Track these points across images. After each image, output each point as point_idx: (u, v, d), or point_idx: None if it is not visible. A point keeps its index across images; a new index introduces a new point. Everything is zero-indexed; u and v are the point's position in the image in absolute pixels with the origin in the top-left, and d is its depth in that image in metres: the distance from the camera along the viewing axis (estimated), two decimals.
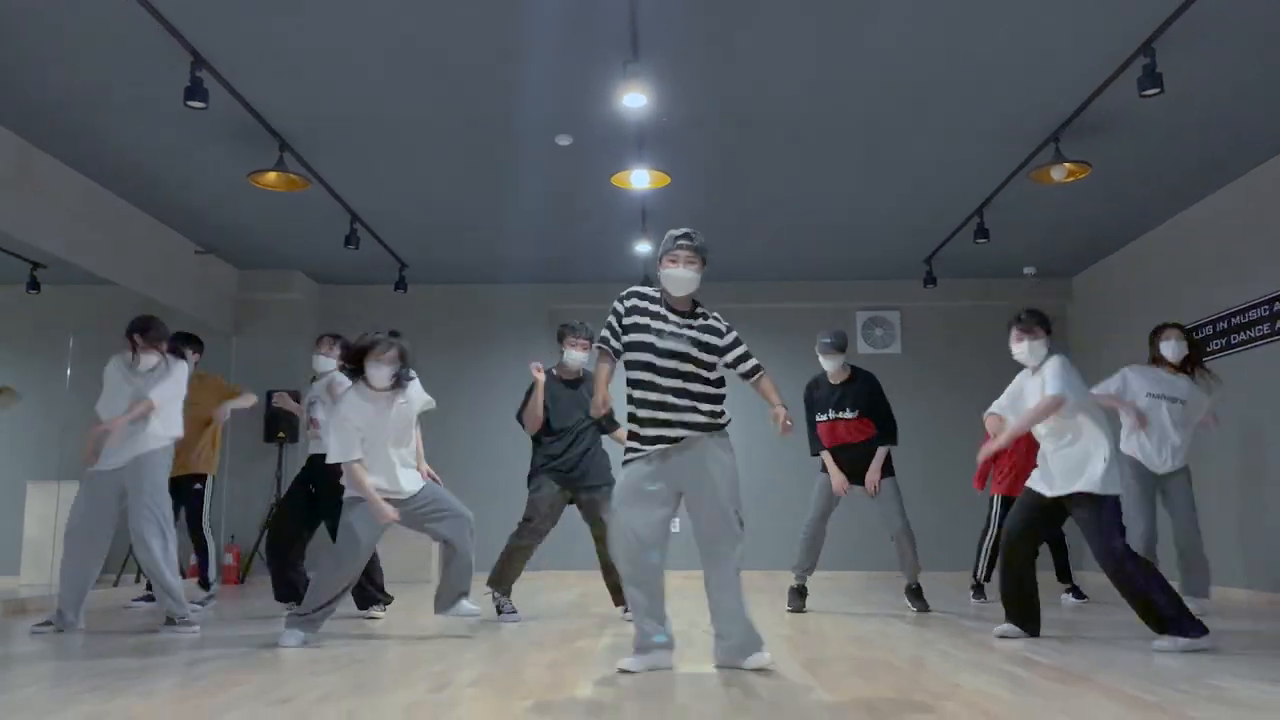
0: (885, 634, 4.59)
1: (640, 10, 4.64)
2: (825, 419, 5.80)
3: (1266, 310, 6.61)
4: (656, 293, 3.69)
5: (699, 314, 3.68)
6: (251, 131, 5.92)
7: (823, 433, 5.82)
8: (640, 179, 6.20)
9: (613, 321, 3.65)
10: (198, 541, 5.91)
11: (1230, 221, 7.02)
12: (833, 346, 5.77)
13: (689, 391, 3.55)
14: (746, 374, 3.72)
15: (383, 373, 4.34)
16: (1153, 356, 5.69)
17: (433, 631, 4.72)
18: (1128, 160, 6.51)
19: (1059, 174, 5.98)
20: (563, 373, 5.50)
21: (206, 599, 5.82)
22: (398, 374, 4.39)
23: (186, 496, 5.90)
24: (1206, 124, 5.95)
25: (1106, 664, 3.57)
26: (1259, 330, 6.69)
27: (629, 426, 3.62)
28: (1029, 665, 3.55)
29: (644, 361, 3.55)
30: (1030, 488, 4.52)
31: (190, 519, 5.91)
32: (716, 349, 3.64)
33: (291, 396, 6.03)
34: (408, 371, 4.45)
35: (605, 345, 3.65)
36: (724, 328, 3.70)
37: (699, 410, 3.56)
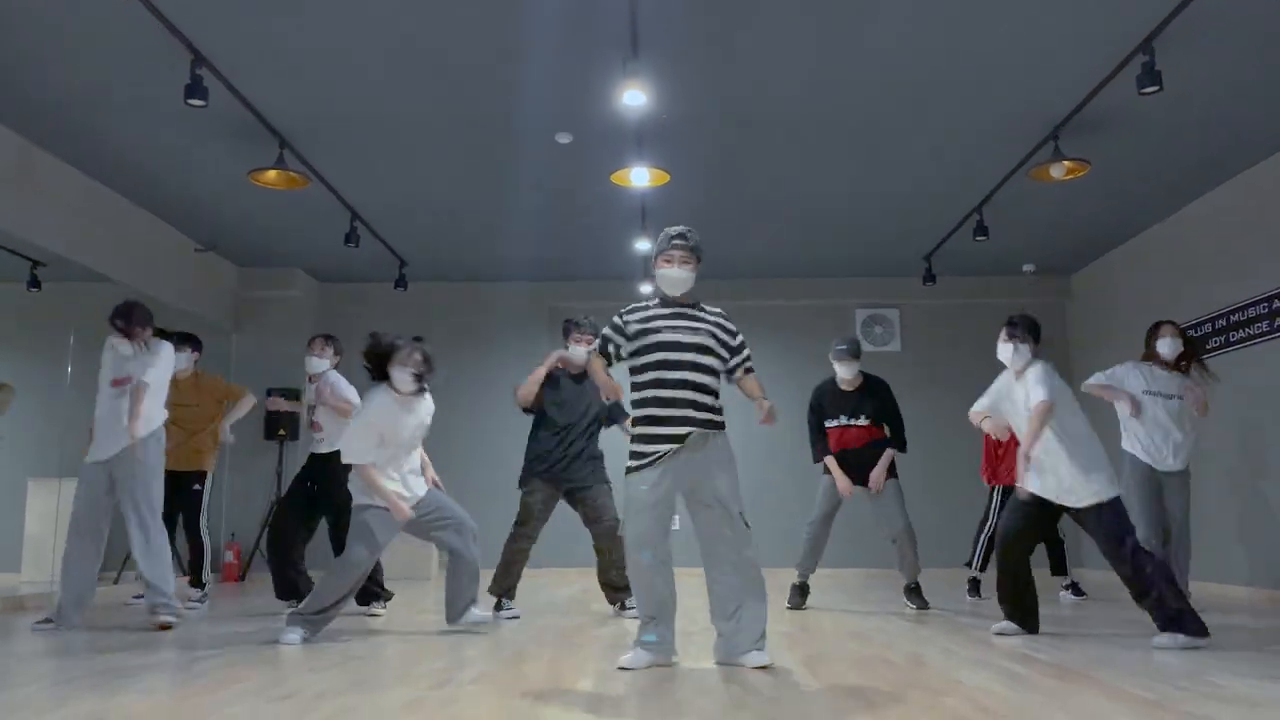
0: (884, 631, 4.60)
1: (640, 8, 4.64)
2: (835, 424, 5.78)
3: (1265, 308, 6.62)
4: (654, 302, 3.70)
5: (707, 310, 3.70)
6: (251, 129, 5.93)
7: (832, 437, 5.80)
8: (640, 177, 6.20)
9: (613, 333, 3.64)
10: (194, 540, 5.90)
11: (1229, 219, 7.03)
12: (848, 353, 5.75)
13: (706, 386, 3.57)
14: (741, 372, 3.74)
15: (406, 377, 4.37)
16: (1148, 354, 5.70)
17: (433, 628, 4.73)
18: (1127, 158, 6.52)
19: (1058, 172, 5.99)
20: (569, 367, 5.51)
21: (201, 597, 5.82)
22: (421, 378, 4.42)
23: (186, 494, 5.90)
24: (1205, 122, 5.95)
25: (1105, 661, 3.58)
26: (1258, 328, 6.70)
27: (634, 431, 3.60)
28: (1027, 662, 3.56)
29: (661, 360, 3.53)
30: (1024, 487, 4.52)
31: (188, 518, 5.91)
32: (729, 347, 3.68)
33: (285, 397, 6.03)
34: (432, 377, 4.46)
35: (604, 348, 3.66)
36: (734, 328, 3.74)
37: (711, 406, 3.58)
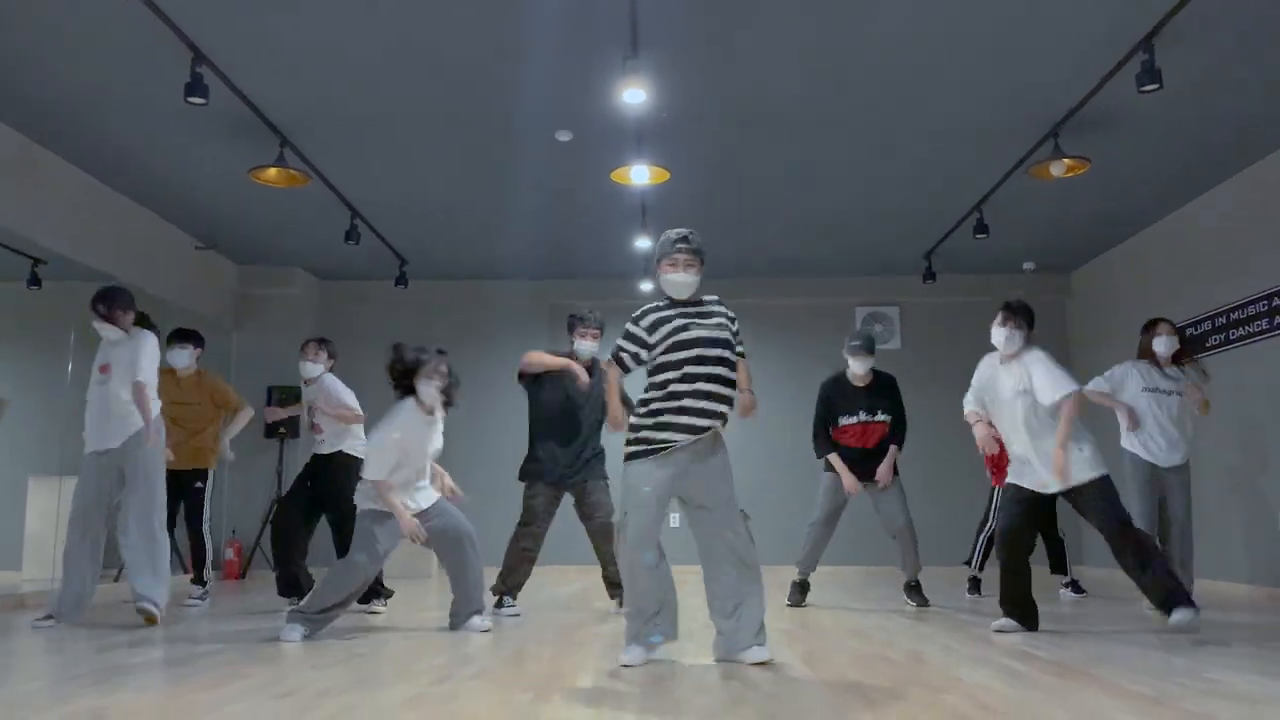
0: (884, 628, 4.61)
1: (640, 7, 4.64)
2: (854, 421, 5.74)
3: (1265, 306, 6.62)
4: (662, 303, 3.65)
5: (711, 302, 3.70)
6: (252, 127, 5.93)
7: (853, 435, 5.75)
8: (640, 174, 6.20)
9: (631, 344, 3.57)
10: (196, 539, 5.91)
11: (1229, 217, 7.03)
12: (863, 349, 5.71)
13: (731, 381, 3.59)
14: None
15: (432, 390, 4.39)
16: (1143, 351, 5.72)
17: (433, 626, 4.74)
18: (1127, 156, 6.52)
19: (1058, 170, 5.99)
20: (577, 361, 5.50)
21: (202, 595, 5.83)
22: (448, 391, 4.43)
23: (188, 493, 5.91)
24: (1205, 120, 5.95)
25: (1105, 658, 3.58)
26: (1258, 326, 6.70)
27: (647, 420, 3.53)
28: (1027, 659, 3.57)
29: (698, 356, 3.51)
30: (1016, 484, 4.54)
31: (190, 516, 5.91)
32: (732, 335, 3.69)
33: (283, 401, 6.05)
34: (459, 393, 4.47)
35: (619, 358, 3.59)
36: (732, 314, 3.74)
37: (729, 400, 3.60)
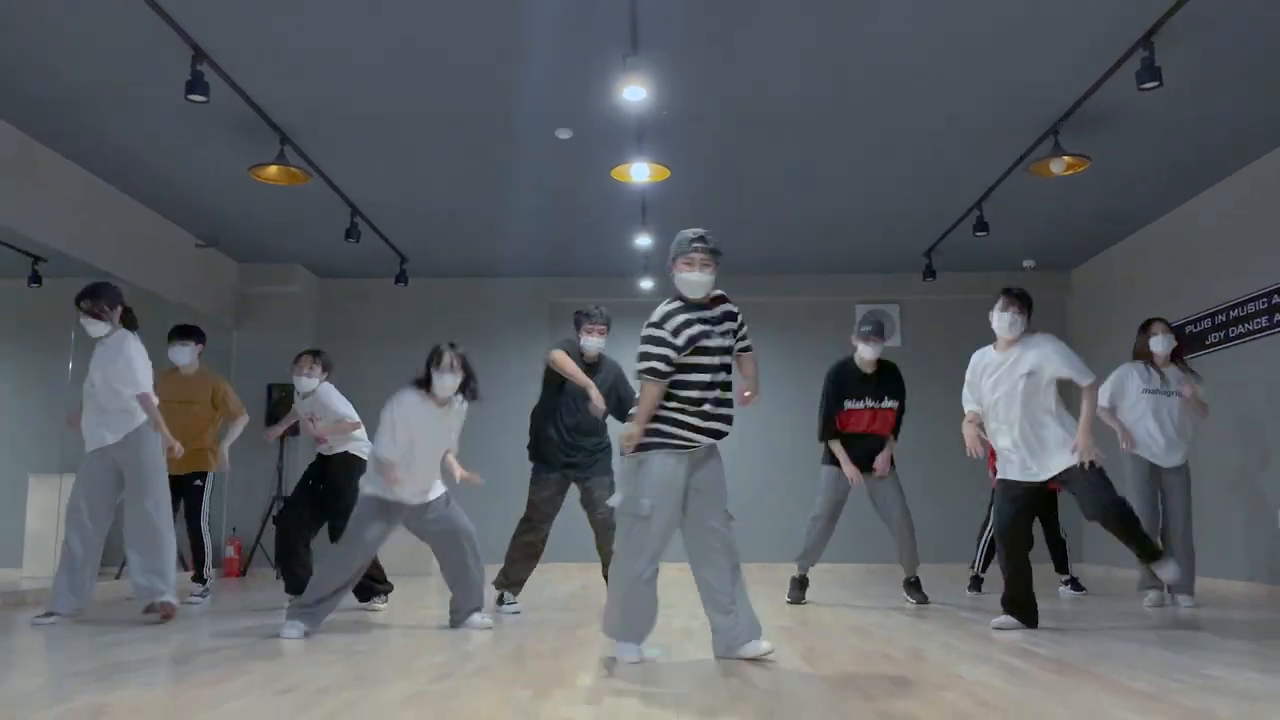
0: (884, 626, 4.61)
1: (640, 6, 4.64)
2: (861, 406, 5.72)
3: (1265, 303, 6.62)
4: (679, 303, 3.60)
5: (722, 306, 3.69)
6: (252, 125, 5.93)
7: (861, 420, 5.73)
8: (640, 172, 6.20)
9: (664, 349, 3.47)
10: (195, 537, 5.91)
11: (1229, 215, 7.03)
12: (875, 334, 5.71)
13: (730, 386, 3.61)
14: (743, 350, 3.75)
15: (447, 381, 4.39)
16: (1140, 352, 5.75)
17: (433, 623, 4.74)
18: (1127, 154, 6.52)
19: (1058, 167, 5.99)
20: (584, 358, 5.51)
21: (203, 593, 5.84)
22: (465, 383, 4.44)
23: (187, 491, 5.91)
24: (1205, 117, 5.95)
25: (1104, 655, 3.59)
26: (1258, 323, 6.70)
27: (673, 416, 3.50)
28: (1027, 656, 3.57)
29: (712, 364, 3.53)
30: (1007, 479, 4.54)
31: (189, 514, 5.92)
32: (735, 333, 3.69)
33: (275, 417, 6.08)
34: (475, 383, 4.48)
35: (656, 370, 3.46)
36: (736, 309, 3.72)
37: (732, 406, 3.62)
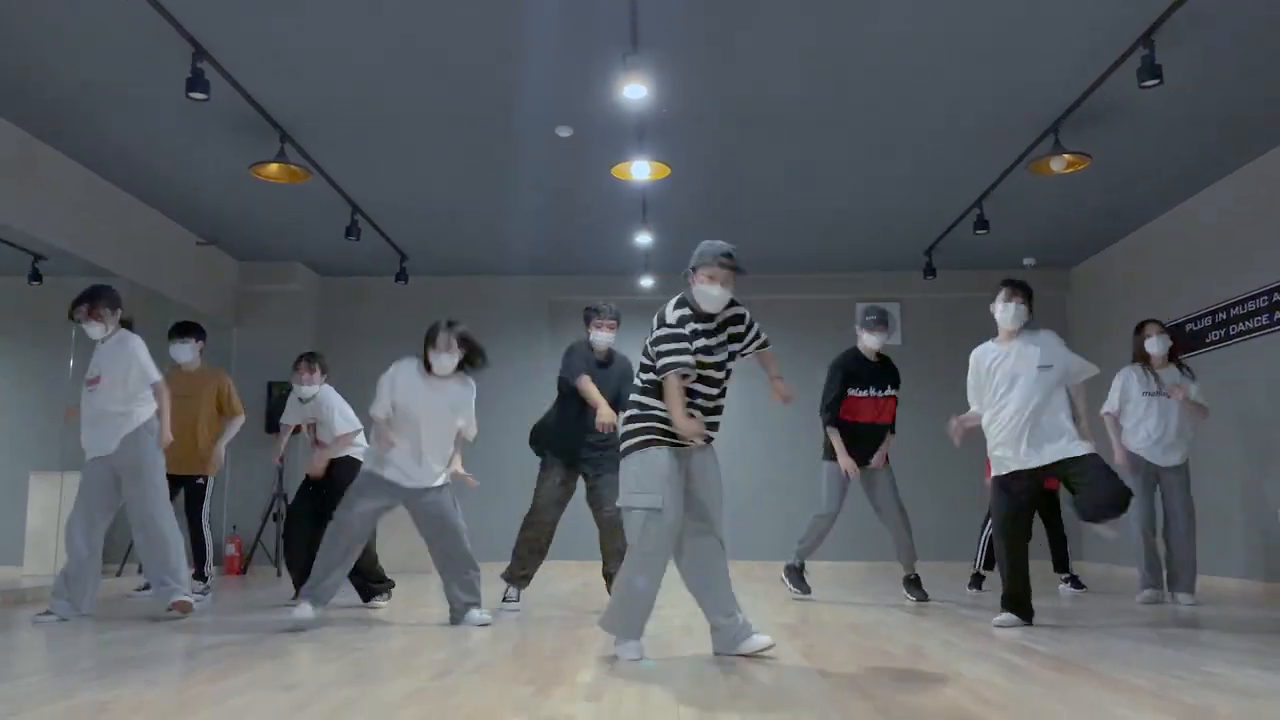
0: (884, 623, 4.62)
1: (640, 6, 4.64)
2: (866, 395, 5.73)
3: (1265, 301, 6.62)
4: (689, 310, 3.60)
5: (729, 316, 3.69)
6: (253, 123, 5.93)
7: (867, 409, 5.73)
8: (640, 170, 6.20)
9: (681, 341, 3.48)
10: (196, 535, 5.92)
11: (1230, 213, 7.03)
12: (879, 323, 5.73)
13: (723, 394, 3.65)
14: (760, 348, 3.76)
15: (444, 361, 4.46)
16: (1137, 354, 5.78)
17: (434, 620, 4.75)
18: (1127, 152, 6.52)
19: (1058, 165, 5.99)
20: (595, 353, 5.53)
21: (204, 590, 5.84)
22: (466, 361, 4.50)
23: (189, 489, 5.91)
24: (1206, 115, 5.95)
25: (1104, 652, 3.60)
26: (1258, 321, 6.70)
27: (662, 407, 3.51)
28: (1026, 654, 3.58)
29: (712, 378, 3.58)
30: (1003, 475, 4.54)
31: (190, 512, 5.92)
32: (739, 338, 3.69)
33: (279, 401, 6.09)
34: (479, 360, 4.52)
35: (681, 364, 3.45)
36: (742, 312, 3.72)
37: (720, 415, 3.67)
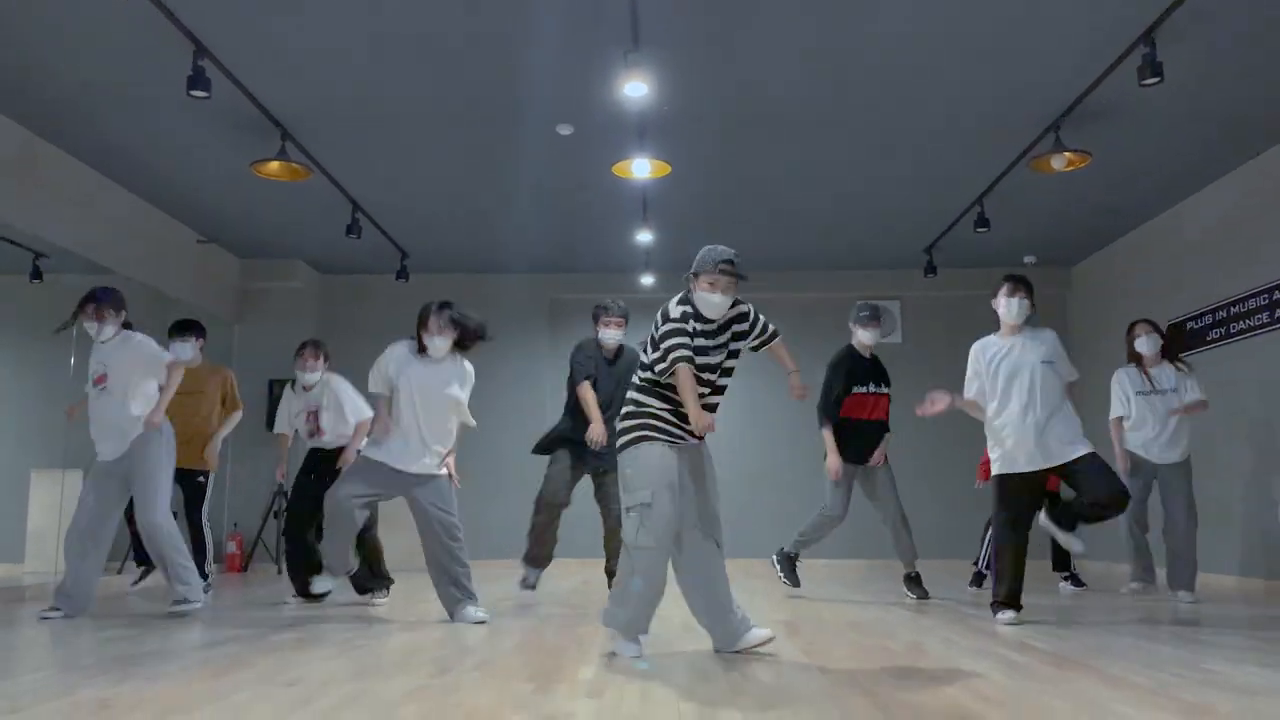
0: (884, 621, 4.63)
1: (641, 6, 4.64)
2: (866, 391, 5.75)
3: (1266, 299, 6.63)
4: (690, 307, 3.59)
5: (731, 318, 3.68)
6: (253, 121, 5.93)
7: (866, 405, 5.75)
8: (641, 168, 6.21)
9: (685, 335, 3.49)
10: (196, 533, 5.93)
11: (1230, 211, 7.03)
12: (873, 319, 5.77)
13: (715, 393, 3.64)
14: (768, 340, 3.75)
15: (437, 343, 4.52)
16: (1129, 355, 5.81)
17: (434, 617, 4.76)
18: (1128, 149, 6.52)
19: (1059, 163, 5.99)
20: (603, 351, 5.56)
21: (205, 588, 5.85)
22: (461, 342, 4.57)
23: (190, 485, 5.92)
24: (1206, 114, 5.95)
25: (1103, 650, 3.60)
26: (1259, 319, 6.71)
27: (659, 410, 3.54)
28: (1026, 651, 3.58)
29: (705, 380, 3.56)
30: (1005, 474, 4.54)
31: (190, 510, 5.93)
32: (743, 334, 3.69)
33: (279, 399, 6.14)
34: (475, 339, 4.58)
35: (686, 357, 3.45)
36: (745, 309, 3.71)
37: (714, 412, 3.64)
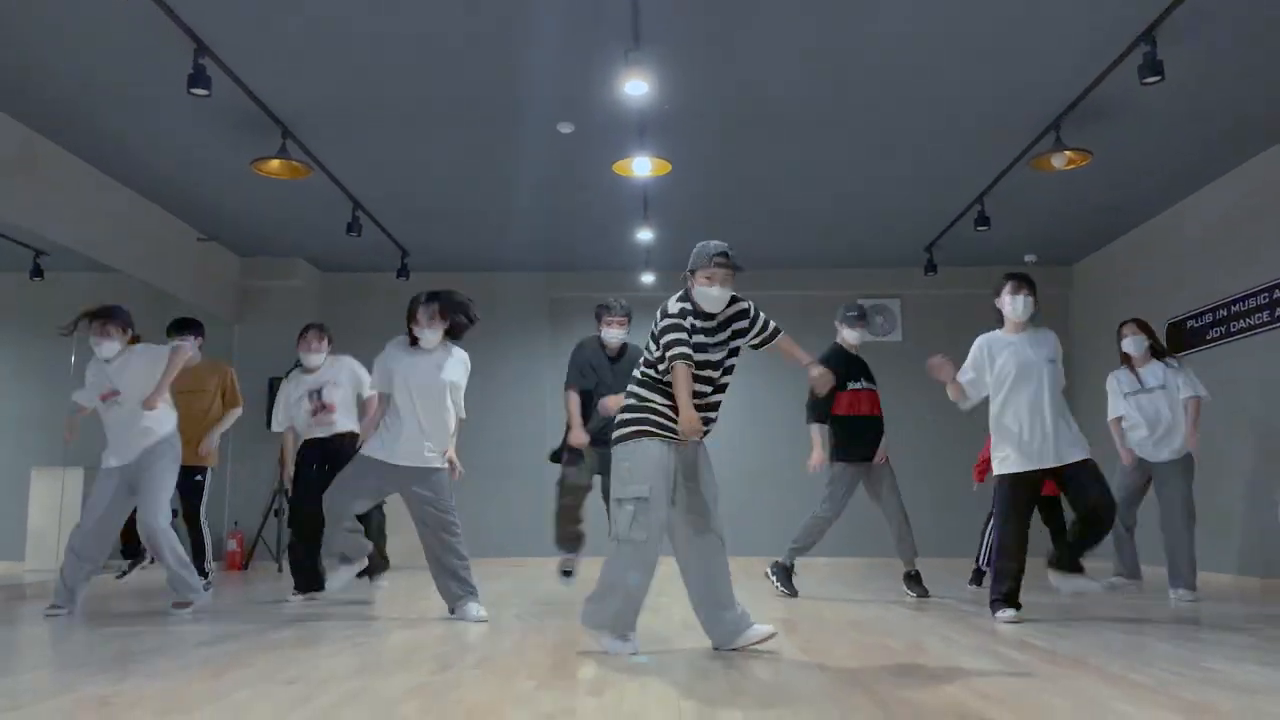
0: (884, 619, 4.63)
1: (641, 6, 4.64)
2: (860, 387, 5.87)
3: (1266, 298, 6.63)
4: (689, 304, 3.63)
5: (730, 314, 3.69)
6: (254, 119, 5.93)
7: (862, 401, 5.83)
8: (642, 166, 6.21)
9: (685, 332, 3.52)
10: (194, 532, 5.93)
11: (1230, 209, 7.03)
12: (859, 318, 5.92)
13: (717, 391, 3.64)
14: (770, 338, 3.76)
15: (428, 335, 4.52)
16: (1121, 356, 5.85)
17: (435, 615, 4.77)
18: (1129, 148, 6.52)
19: (1059, 162, 6.00)
20: (606, 350, 5.56)
21: (205, 586, 5.86)
22: (453, 330, 4.54)
23: (188, 484, 5.92)
24: (1207, 112, 5.95)
25: (1102, 648, 3.61)
26: (1259, 318, 6.71)
27: (657, 405, 3.54)
28: (1026, 649, 3.59)
29: (704, 376, 3.57)
30: (1008, 473, 4.55)
31: (188, 508, 5.93)
32: (743, 332, 3.70)
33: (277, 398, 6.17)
34: (462, 323, 4.54)
35: (686, 355, 3.48)
36: (745, 306, 3.72)
37: (715, 412, 3.66)
